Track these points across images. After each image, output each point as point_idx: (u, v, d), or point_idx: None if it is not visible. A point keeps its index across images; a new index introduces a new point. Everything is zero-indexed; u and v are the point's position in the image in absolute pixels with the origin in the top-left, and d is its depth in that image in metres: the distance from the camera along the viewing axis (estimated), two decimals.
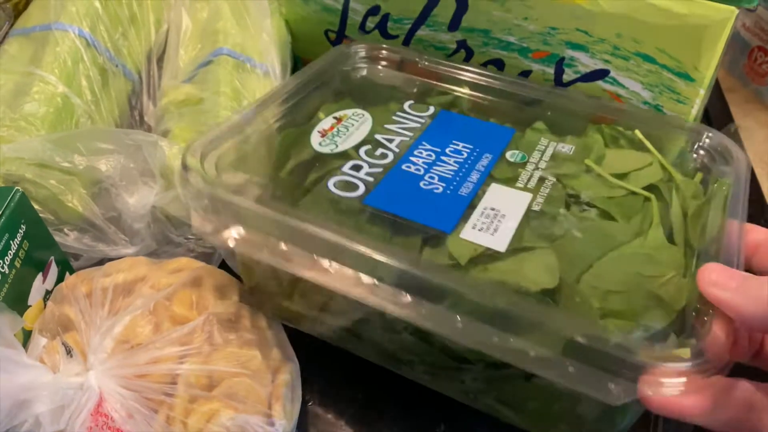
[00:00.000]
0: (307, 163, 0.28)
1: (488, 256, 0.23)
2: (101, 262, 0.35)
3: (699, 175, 0.29)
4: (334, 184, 0.26)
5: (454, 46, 0.37)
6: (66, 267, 0.32)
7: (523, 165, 0.28)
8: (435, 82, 0.34)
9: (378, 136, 0.29)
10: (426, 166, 0.28)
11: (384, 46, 0.35)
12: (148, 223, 0.34)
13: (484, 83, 0.33)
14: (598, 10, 0.31)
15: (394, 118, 0.31)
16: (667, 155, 0.29)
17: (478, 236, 0.23)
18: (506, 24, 0.34)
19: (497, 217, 0.24)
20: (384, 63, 0.35)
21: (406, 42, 0.38)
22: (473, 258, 0.22)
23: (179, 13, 0.42)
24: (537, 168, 0.27)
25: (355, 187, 0.26)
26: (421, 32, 0.37)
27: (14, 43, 0.39)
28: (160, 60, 0.43)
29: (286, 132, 0.30)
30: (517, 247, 0.23)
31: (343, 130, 0.29)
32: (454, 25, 0.36)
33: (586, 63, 0.33)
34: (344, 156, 0.28)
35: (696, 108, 0.33)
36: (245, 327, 0.26)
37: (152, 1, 0.44)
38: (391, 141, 0.29)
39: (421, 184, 0.27)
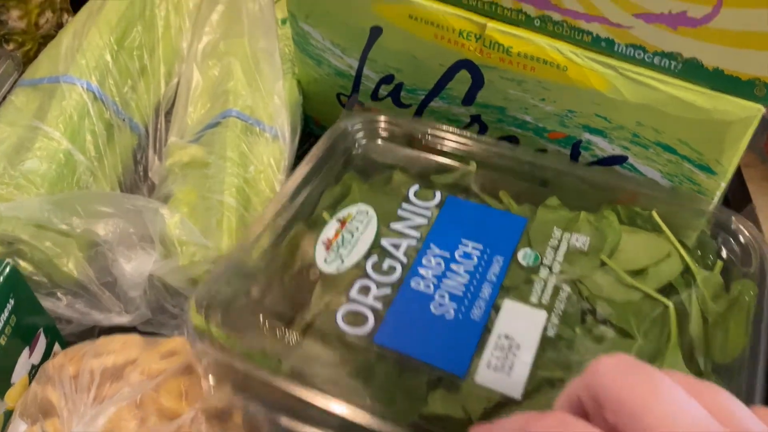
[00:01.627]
0: (312, 284, 0.27)
1: (503, 404, 0.22)
2: (92, 327, 0.34)
3: (719, 265, 0.28)
4: (343, 317, 0.25)
5: (468, 119, 0.36)
6: (55, 336, 0.30)
7: (536, 269, 0.26)
8: (440, 158, 0.33)
9: (384, 242, 0.28)
10: (436, 280, 0.26)
11: (384, 118, 0.34)
12: (145, 290, 0.33)
13: (494, 157, 0.32)
14: (619, 98, 0.30)
15: (399, 213, 0.30)
16: (685, 238, 0.28)
17: (493, 379, 0.22)
18: (523, 103, 0.33)
19: (512, 349, 0.23)
20: (385, 136, 0.34)
21: (419, 112, 0.38)
22: (487, 409, 0.21)
23: (191, 68, 0.41)
24: (551, 272, 0.26)
25: (364, 320, 0.25)
26: (435, 104, 0.37)
27: (21, 94, 0.38)
28: (169, 113, 0.42)
29: (292, 235, 0.29)
30: (533, 388, 0.21)
31: (348, 237, 0.28)
32: (468, 99, 0.35)
33: (604, 148, 0.32)
34: (351, 275, 0.27)
35: (716, 199, 0.32)
36: (236, 425, 0.24)
37: (164, 52, 0.43)
38: (398, 247, 0.28)
39: (432, 307, 0.26)
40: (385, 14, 0.35)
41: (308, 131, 0.45)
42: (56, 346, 0.30)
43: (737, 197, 0.43)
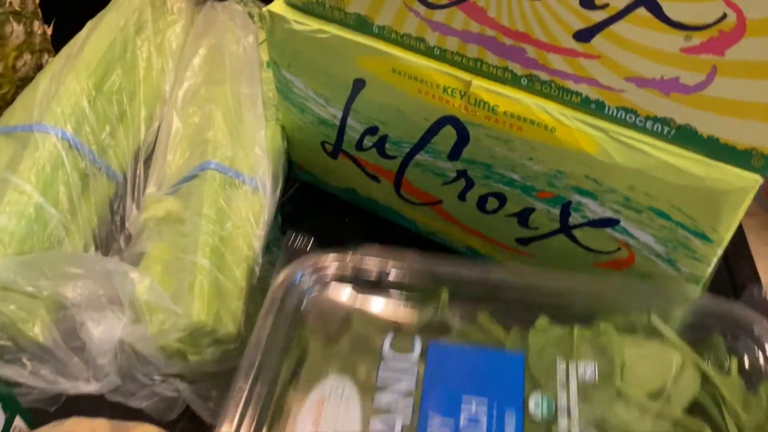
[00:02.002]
0: None
1: None
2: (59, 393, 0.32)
3: (735, 364, 0.26)
4: None
5: (454, 174, 0.35)
6: (16, 409, 0.29)
7: (554, 420, 0.24)
8: (406, 294, 0.29)
9: (374, 425, 0.24)
10: None
11: (334, 258, 0.30)
12: (116, 354, 0.31)
13: (465, 278, 0.29)
14: (609, 161, 0.29)
15: (380, 377, 0.26)
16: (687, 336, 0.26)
17: None
18: (509, 161, 0.32)
19: None
20: (340, 279, 0.30)
21: (405, 164, 0.36)
22: None
23: (171, 114, 0.40)
24: (569, 417, 0.24)
25: None
26: (420, 157, 0.35)
27: None
28: (148, 159, 0.41)
29: None
30: None
31: (326, 425, 0.24)
32: (454, 155, 0.34)
33: (595, 210, 0.31)
34: None
35: (713, 265, 0.30)
36: None
37: (145, 96, 0.42)
38: (392, 428, 0.24)
39: None
40: (368, 67, 0.33)
41: (293, 175, 0.44)
42: (17, 420, 0.29)
43: (735, 248, 0.42)
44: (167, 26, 0.45)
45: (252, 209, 0.36)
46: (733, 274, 0.39)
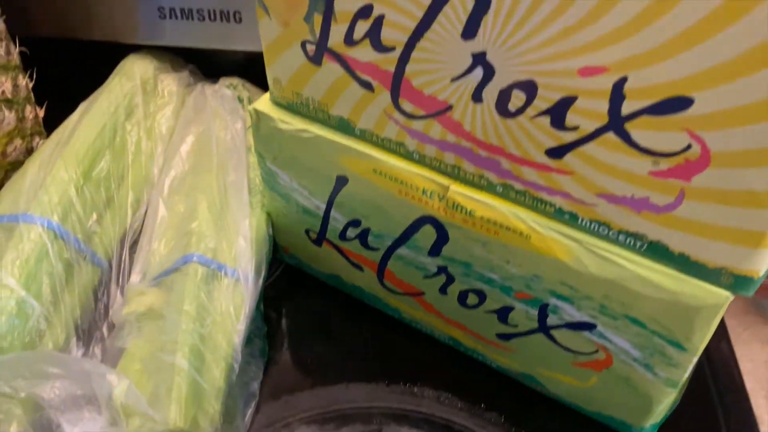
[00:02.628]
0: None
1: None
2: None
3: None
4: None
5: (435, 269, 0.35)
6: None
7: None
8: None
9: None
10: None
11: None
12: None
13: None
14: (584, 270, 0.29)
15: None
16: None
17: None
18: (488, 262, 0.32)
19: None
20: None
21: (387, 256, 0.37)
22: None
23: (157, 201, 0.40)
24: None
25: None
26: (402, 251, 0.36)
27: None
28: (134, 244, 0.41)
29: None
30: None
31: None
32: (434, 252, 0.34)
33: (572, 314, 0.31)
34: None
35: (689, 371, 0.30)
36: None
37: (133, 180, 0.43)
38: None
39: None
40: (350, 166, 0.34)
41: (278, 257, 0.44)
42: None
43: (716, 342, 0.42)
44: (157, 109, 0.46)
45: (233, 302, 0.36)
46: (713, 368, 0.39)
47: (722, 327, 0.42)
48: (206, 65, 0.51)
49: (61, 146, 0.41)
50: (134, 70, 0.47)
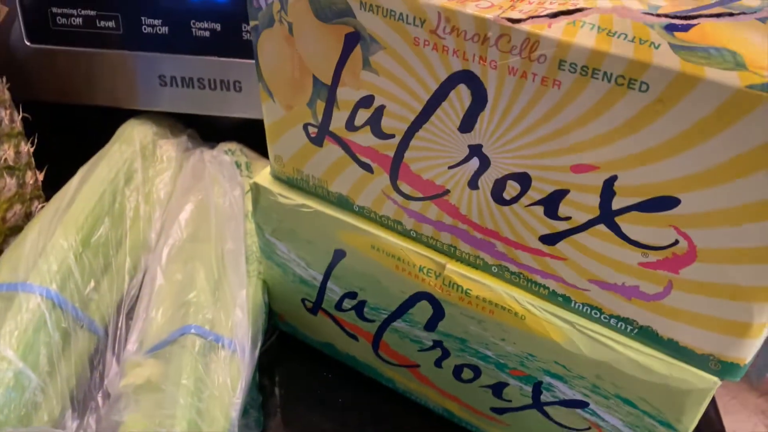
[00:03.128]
0: None
1: None
2: None
3: None
4: None
5: (431, 343, 0.36)
6: None
7: None
8: None
9: None
10: None
11: None
12: None
13: None
14: (577, 352, 0.30)
15: None
16: None
17: None
18: (483, 339, 0.33)
19: None
20: None
21: (383, 328, 0.37)
22: None
23: (155, 269, 0.41)
24: None
25: None
26: (397, 324, 0.36)
27: None
28: (131, 311, 0.42)
29: None
30: None
31: None
32: (430, 326, 0.35)
33: (565, 392, 0.32)
34: None
35: None
36: None
37: (131, 245, 0.43)
38: None
39: None
40: (348, 241, 0.35)
41: (273, 324, 0.44)
42: None
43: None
44: (156, 174, 0.47)
45: (231, 374, 0.36)
46: None
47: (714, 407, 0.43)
48: (205, 128, 0.53)
49: (60, 213, 0.42)
50: (133, 136, 0.48)
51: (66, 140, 0.51)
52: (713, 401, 0.43)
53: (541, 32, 0.23)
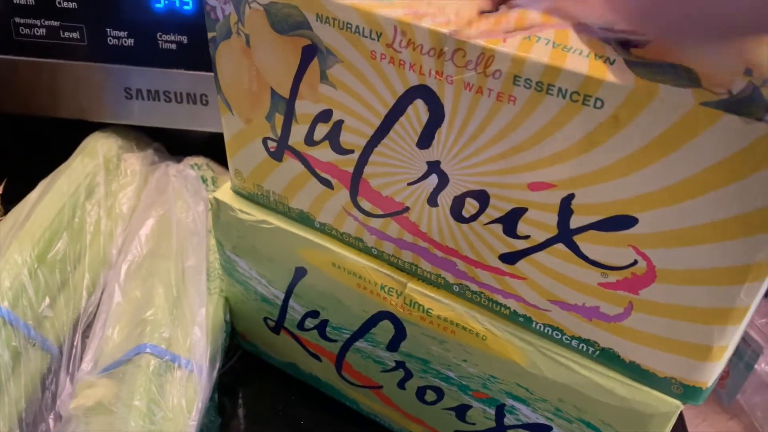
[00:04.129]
0: None
1: None
2: None
3: None
4: None
5: (393, 364, 0.35)
6: None
7: None
8: None
9: None
10: None
11: None
12: None
13: None
14: (537, 373, 0.29)
15: None
16: None
17: None
18: (445, 360, 0.32)
19: None
20: None
21: (345, 348, 0.36)
22: None
23: (113, 286, 0.40)
24: None
25: None
26: (360, 344, 0.35)
27: None
28: (88, 329, 0.40)
29: None
30: None
31: None
32: (392, 347, 0.34)
33: (528, 415, 0.31)
34: None
35: None
36: None
37: (90, 262, 0.42)
38: None
39: None
40: (309, 258, 0.34)
41: (235, 342, 0.43)
42: None
43: None
44: (119, 189, 0.46)
45: (186, 395, 0.35)
46: None
47: (680, 418, 0.43)
48: (173, 141, 0.52)
49: (17, 227, 0.41)
50: (97, 149, 0.46)
51: (28, 153, 0.50)
52: (683, 423, 0.42)
53: (495, 47, 0.23)
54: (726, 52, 0.20)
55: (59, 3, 0.43)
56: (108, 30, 0.44)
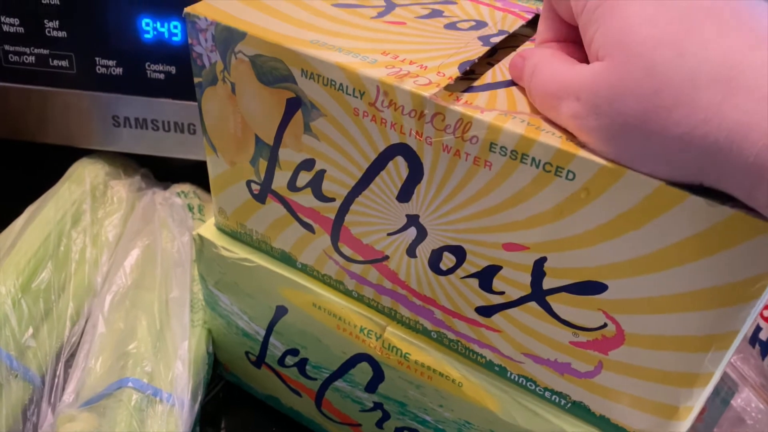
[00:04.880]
0: None
1: None
2: None
3: None
4: None
5: (371, 405, 0.35)
6: None
7: None
8: None
9: None
10: None
11: None
12: None
13: None
14: (511, 421, 0.30)
15: None
16: None
17: None
18: (422, 404, 0.33)
19: None
20: None
21: (324, 387, 0.37)
22: None
23: (97, 317, 0.40)
24: None
25: None
26: (339, 383, 0.36)
27: None
28: (71, 358, 0.40)
29: None
30: None
31: None
32: (370, 388, 0.34)
33: None
34: None
35: None
36: None
37: (75, 290, 0.42)
38: None
39: None
40: (290, 298, 0.34)
41: (218, 373, 0.44)
42: None
43: None
44: (105, 216, 0.46)
45: (168, 429, 0.35)
46: None
47: None
48: (160, 168, 0.52)
49: (1, 256, 0.41)
50: (84, 176, 0.47)
51: (14, 178, 0.50)
52: None
53: (474, 114, 0.23)
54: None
55: (49, 31, 0.43)
56: (97, 59, 0.44)
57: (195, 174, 0.51)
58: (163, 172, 0.52)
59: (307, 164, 0.29)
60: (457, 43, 0.27)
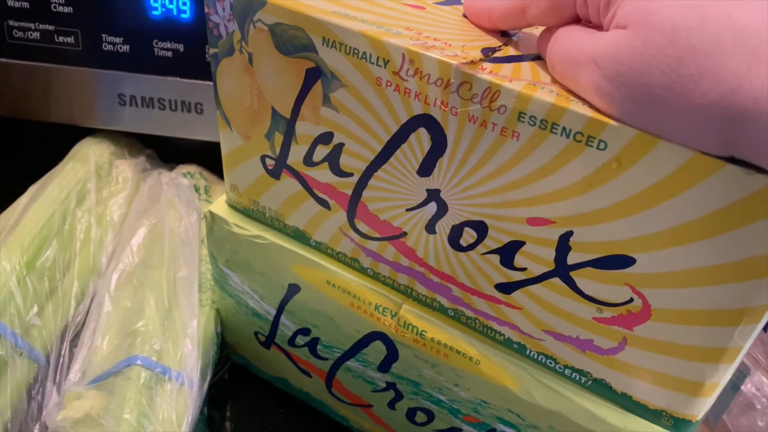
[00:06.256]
0: None
1: None
2: None
3: None
4: None
5: (384, 385, 0.35)
6: None
7: None
8: None
9: None
10: None
11: None
12: None
13: None
14: (530, 399, 0.29)
15: None
16: None
17: None
18: (437, 383, 0.32)
19: None
20: None
21: (335, 367, 0.36)
22: None
23: (103, 295, 0.39)
24: None
25: None
26: (351, 363, 0.35)
27: None
28: (76, 337, 0.40)
29: None
30: None
31: None
32: (383, 368, 0.34)
33: None
34: None
35: None
36: None
37: (80, 269, 0.42)
38: None
39: None
40: (303, 275, 0.34)
41: (225, 354, 0.43)
42: None
43: None
44: (110, 196, 0.45)
45: (176, 408, 0.35)
46: None
47: None
48: (165, 149, 0.51)
49: (6, 234, 0.40)
50: (89, 155, 0.46)
51: (18, 157, 0.50)
52: None
53: (502, 83, 0.23)
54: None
55: (54, 7, 0.43)
56: (103, 35, 0.44)
57: (200, 155, 0.51)
58: (168, 153, 0.51)
59: (325, 138, 0.29)
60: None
